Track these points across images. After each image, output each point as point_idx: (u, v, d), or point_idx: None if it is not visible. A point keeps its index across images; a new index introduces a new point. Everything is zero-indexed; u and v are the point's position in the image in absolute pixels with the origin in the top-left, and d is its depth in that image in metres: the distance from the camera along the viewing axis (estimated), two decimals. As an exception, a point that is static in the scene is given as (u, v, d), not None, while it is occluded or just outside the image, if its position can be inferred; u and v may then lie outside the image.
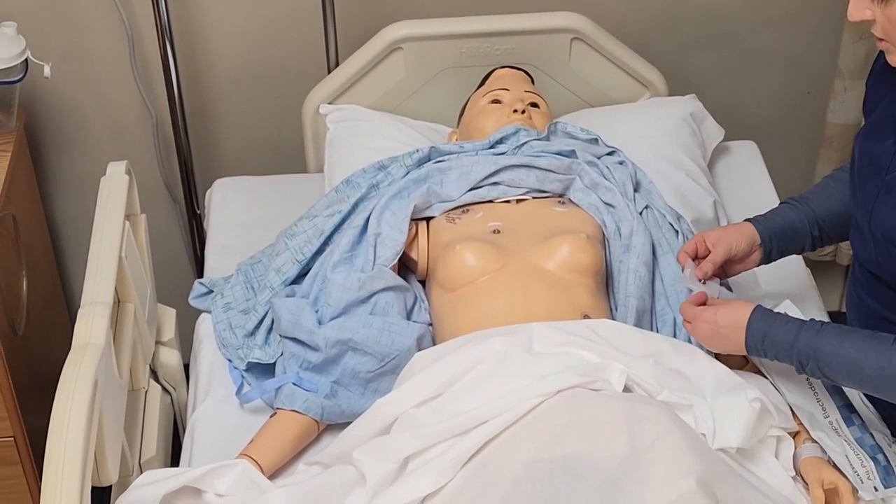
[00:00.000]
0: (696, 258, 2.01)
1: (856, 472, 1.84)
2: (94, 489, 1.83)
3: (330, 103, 2.60)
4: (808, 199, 2.07)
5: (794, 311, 2.02)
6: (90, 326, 1.89)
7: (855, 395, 1.99)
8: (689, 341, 2.03)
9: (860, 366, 1.76)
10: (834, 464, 1.85)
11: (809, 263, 2.59)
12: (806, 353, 1.79)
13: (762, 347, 1.83)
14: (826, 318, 2.08)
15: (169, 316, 2.45)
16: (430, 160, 2.27)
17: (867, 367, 1.75)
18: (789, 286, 2.33)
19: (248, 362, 2.12)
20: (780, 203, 2.11)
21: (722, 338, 1.86)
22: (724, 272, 2.03)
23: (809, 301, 2.29)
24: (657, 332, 2.07)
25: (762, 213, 2.08)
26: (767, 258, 2.05)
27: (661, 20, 2.81)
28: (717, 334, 1.86)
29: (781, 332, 1.81)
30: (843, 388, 1.99)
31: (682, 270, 2.01)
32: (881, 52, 1.78)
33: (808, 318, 1.85)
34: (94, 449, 1.80)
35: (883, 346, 1.74)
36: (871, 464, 1.87)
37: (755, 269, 2.32)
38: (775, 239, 2.03)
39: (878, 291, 1.91)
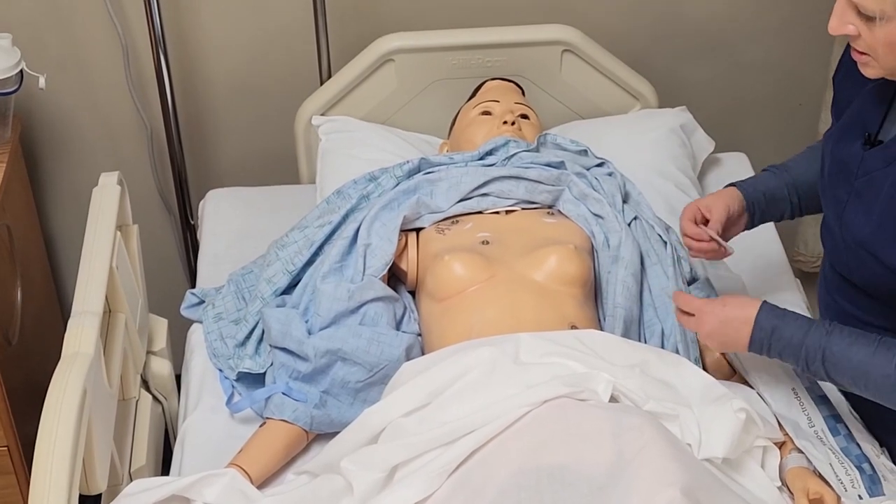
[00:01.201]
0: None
1: (840, 480, 1.84)
2: (83, 498, 1.84)
3: (322, 115, 2.61)
4: (788, 167, 2.09)
5: None
6: (79, 336, 1.89)
7: (842, 406, 2.00)
8: (677, 351, 2.04)
9: (866, 371, 1.76)
10: (819, 473, 1.86)
11: (799, 275, 2.60)
12: (814, 353, 1.79)
13: (768, 342, 1.81)
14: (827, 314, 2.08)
15: (161, 326, 2.46)
16: (420, 171, 2.28)
17: (872, 373, 1.76)
18: (778, 297, 2.33)
19: (239, 372, 2.13)
20: (762, 170, 2.13)
21: (730, 330, 1.84)
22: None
23: (798, 311, 2.29)
24: (645, 342, 2.08)
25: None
26: (751, 223, 2.07)
27: (652, 32, 2.82)
28: (726, 327, 1.84)
29: (791, 328, 1.80)
30: (830, 398, 1.99)
31: (684, 235, 2.02)
32: (846, 51, 1.77)
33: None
34: (83, 458, 1.81)
35: (890, 354, 1.75)
36: (856, 473, 1.87)
37: (743, 278, 2.34)
38: (758, 204, 2.05)
39: (849, 293, 1.92)
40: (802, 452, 1.87)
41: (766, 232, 2.47)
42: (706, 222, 2.02)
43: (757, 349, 1.84)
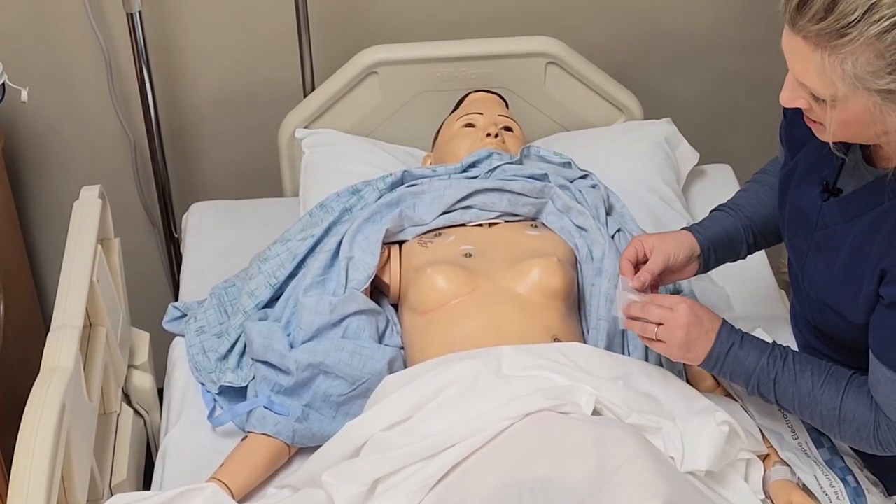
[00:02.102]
0: (636, 264, 1.93)
1: (824, 492, 1.84)
2: (63, 513, 1.83)
3: (306, 127, 2.61)
4: (741, 206, 2.04)
5: (766, 339, 2.03)
6: (59, 350, 1.88)
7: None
8: (661, 364, 2.04)
9: (813, 401, 1.77)
10: (803, 485, 1.85)
11: (784, 286, 2.59)
12: (766, 377, 1.79)
13: (724, 359, 1.80)
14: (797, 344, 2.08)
15: (142, 339, 2.44)
16: (403, 184, 2.27)
17: (819, 404, 1.77)
18: (763, 309, 2.34)
19: (221, 386, 2.12)
20: (712, 210, 2.07)
21: (701, 333, 1.78)
22: (659, 280, 1.95)
23: (782, 324, 2.29)
24: (628, 354, 2.07)
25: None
26: (705, 267, 2.01)
27: (637, 44, 2.82)
28: (698, 326, 1.78)
29: (747, 349, 1.80)
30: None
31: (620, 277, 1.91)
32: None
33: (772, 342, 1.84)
34: (62, 472, 1.79)
35: (837, 387, 1.76)
36: (841, 485, 1.87)
37: (728, 292, 2.33)
38: (714, 249, 1.99)
39: (813, 331, 1.94)
40: (786, 465, 1.87)
41: (750, 244, 2.47)
42: (647, 260, 1.94)
43: (710, 364, 1.82)
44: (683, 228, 2.02)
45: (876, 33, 1.49)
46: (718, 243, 2.00)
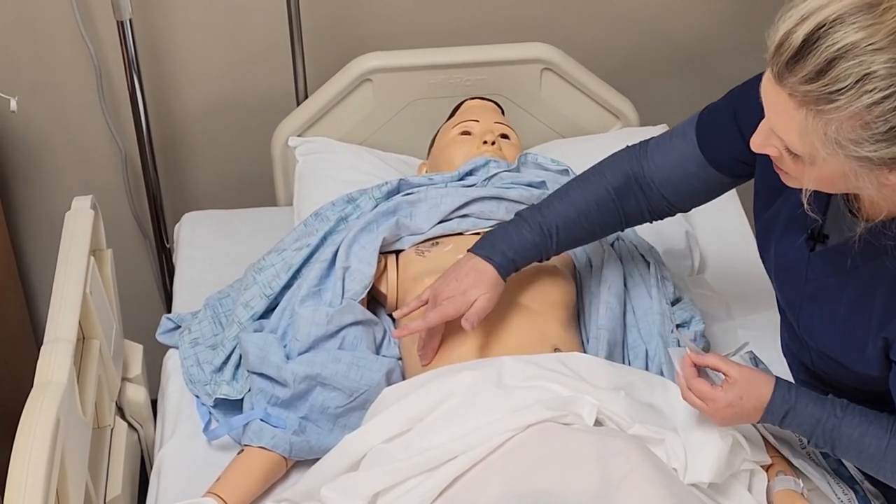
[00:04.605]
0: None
1: (839, 499, 1.84)
2: (56, 530, 1.80)
3: (299, 135, 2.59)
4: (545, 214, 1.96)
5: (756, 355, 2.02)
6: (52, 364, 1.86)
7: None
8: (661, 373, 2.02)
9: (878, 462, 1.72)
10: (812, 492, 1.84)
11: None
12: (824, 439, 1.74)
13: (777, 423, 1.75)
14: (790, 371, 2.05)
15: (136, 352, 2.41)
16: (399, 192, 2.25)
17: (885, 465, 1.72)
18: (762, 317, 2.31)
19: (216, 398, 2.10)
20: (518, 214, 1.99)
21: (743, 418, 1.77)
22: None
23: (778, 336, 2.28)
24: (629, 364, 2.06)
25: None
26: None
27: (632, 50, 2.81)
28: (739, 416, 1.76)
29: (802, 414, 1.74)
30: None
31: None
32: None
33: (827, 396, 1.76)
34: (57, 488, 1.77)
35: None
36: (852, 493, 1.87)
37: (728, 300, 2.32)
38: (514, 266, 1.95)
39: (809, 373, 1.90)
40: (790, 475, 1.86)
41: (748, 251, 2.44)
42: None
43: (764, 422, 1.79)
44: (483, 256, 1.94)
45: (866, 105, 1.40)
46: (518, 260, 1.95)
